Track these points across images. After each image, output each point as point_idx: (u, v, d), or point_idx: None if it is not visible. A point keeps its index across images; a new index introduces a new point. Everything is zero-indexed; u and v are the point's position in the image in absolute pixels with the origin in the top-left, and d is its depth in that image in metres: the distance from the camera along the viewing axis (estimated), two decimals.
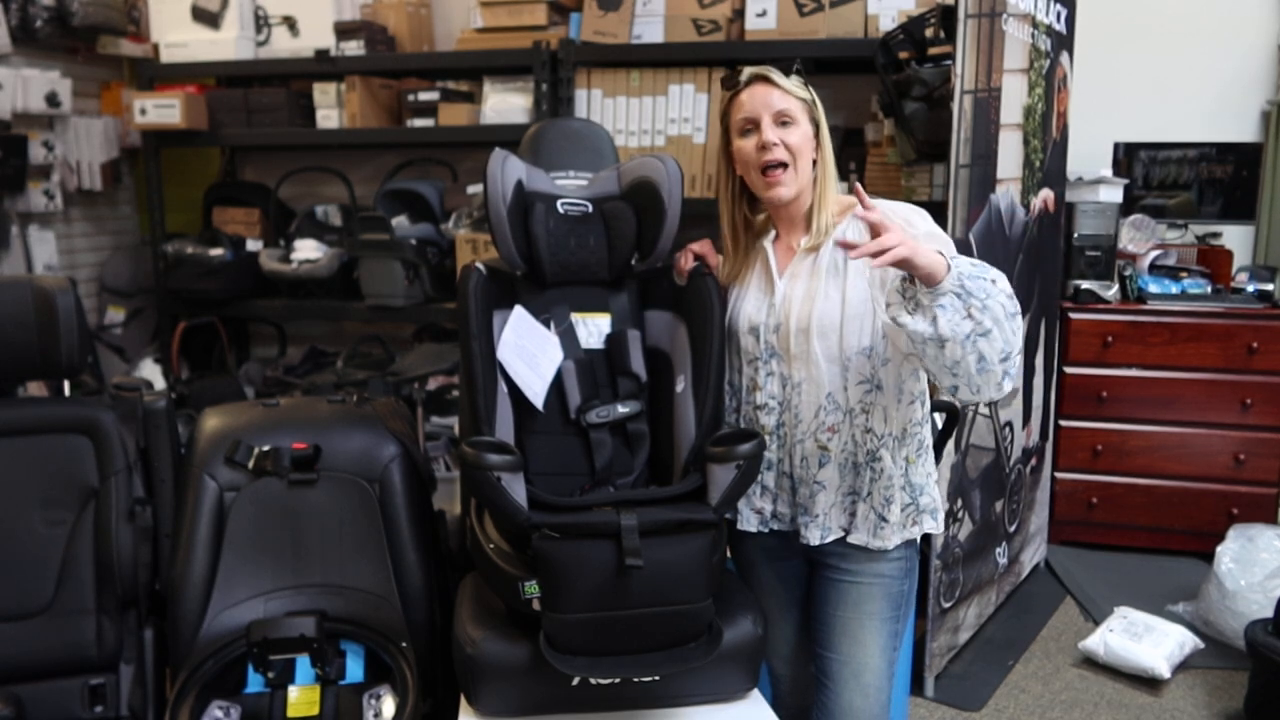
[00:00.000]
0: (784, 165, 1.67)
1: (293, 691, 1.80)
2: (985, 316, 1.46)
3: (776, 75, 1.68)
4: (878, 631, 1.74)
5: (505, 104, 3.72)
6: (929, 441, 1.75)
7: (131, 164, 4.48)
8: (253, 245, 4.06)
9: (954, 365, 1.51)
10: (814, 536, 1.72)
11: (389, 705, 1.77)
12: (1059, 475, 3.62)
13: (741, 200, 1.79)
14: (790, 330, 1.69)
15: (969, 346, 1.47)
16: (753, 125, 1.69)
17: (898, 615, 1.76)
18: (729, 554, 1.86)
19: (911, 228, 1.63)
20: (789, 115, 1.67)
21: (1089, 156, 3.71)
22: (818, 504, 1.71)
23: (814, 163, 1.72)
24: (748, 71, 1.70)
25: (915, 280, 1.48)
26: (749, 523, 1.79)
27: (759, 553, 1.85)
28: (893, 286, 1.55)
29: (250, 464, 1.97)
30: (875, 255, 1.43)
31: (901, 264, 1.45)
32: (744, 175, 1.75)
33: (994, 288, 1.48)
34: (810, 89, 1.71)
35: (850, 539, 1.71)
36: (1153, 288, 3.61)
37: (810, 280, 1.69)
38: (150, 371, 4.12)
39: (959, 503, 2.80)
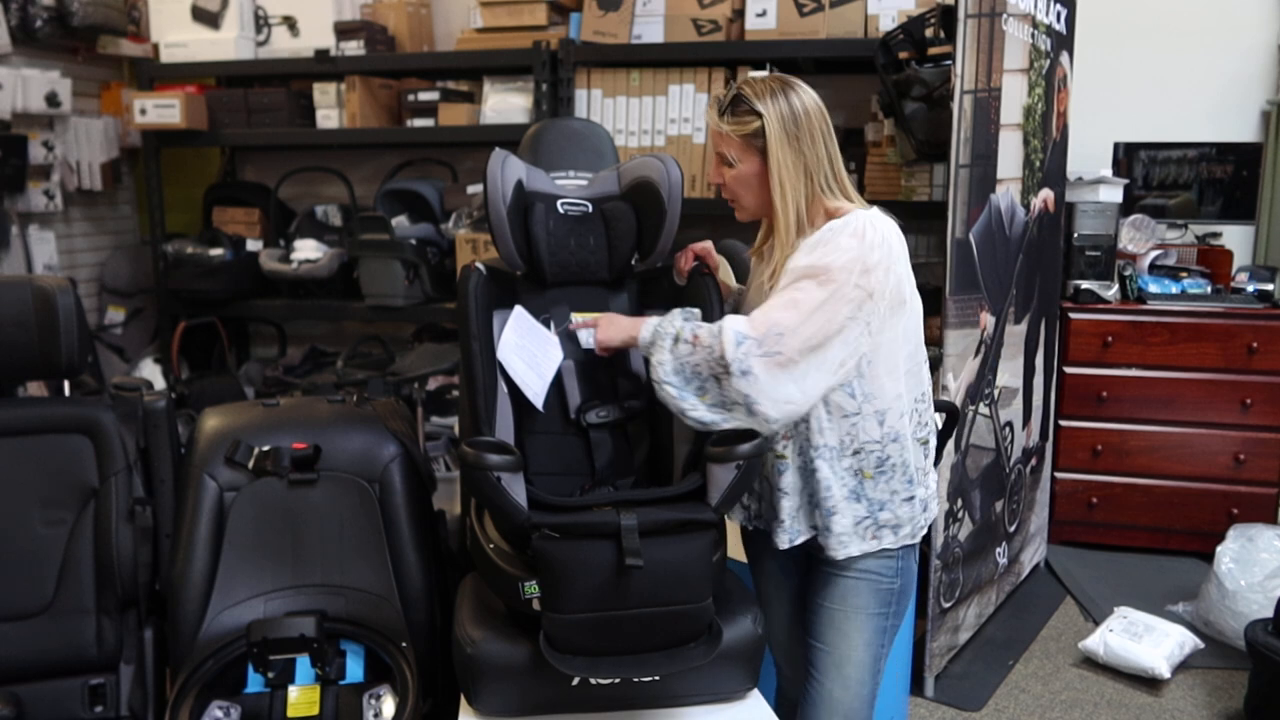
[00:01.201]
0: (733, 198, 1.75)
1: (293, 691, 1.81)
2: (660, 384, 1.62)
3: (712, 117, 1.71)
4: (863, 626, 1.74)
5: (505, 104, 3.72)
6: (905, 460, 1.69)
7: (131, 164, 4.49)
8: (253, 245, 4.07)
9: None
10: (782, 541, 1.72)
11: (389, 705, 1.77)
12: (1059, 475, 3.62)
13: None
14: None
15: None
16: None
17: (887, 612, 1.75)
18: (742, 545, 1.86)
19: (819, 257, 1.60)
20: (725, 156, 1.71)
21: (1089, 156, 3.70)
22: (783, 509, 1.71)
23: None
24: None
25: None
26: (735, 515, 1.82)
27: (761, 542, 1.86)
28: None
29: (250, 464, 1.97)
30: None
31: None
32: None
33: (658, 370, 1.61)
34: (762, 109, 1.63)
35: (818, 540, 1.72)
36: (1153, 288, 3.61)
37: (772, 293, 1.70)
38: (150, 371, 4.12)
39: (959, 503, 2.80)
